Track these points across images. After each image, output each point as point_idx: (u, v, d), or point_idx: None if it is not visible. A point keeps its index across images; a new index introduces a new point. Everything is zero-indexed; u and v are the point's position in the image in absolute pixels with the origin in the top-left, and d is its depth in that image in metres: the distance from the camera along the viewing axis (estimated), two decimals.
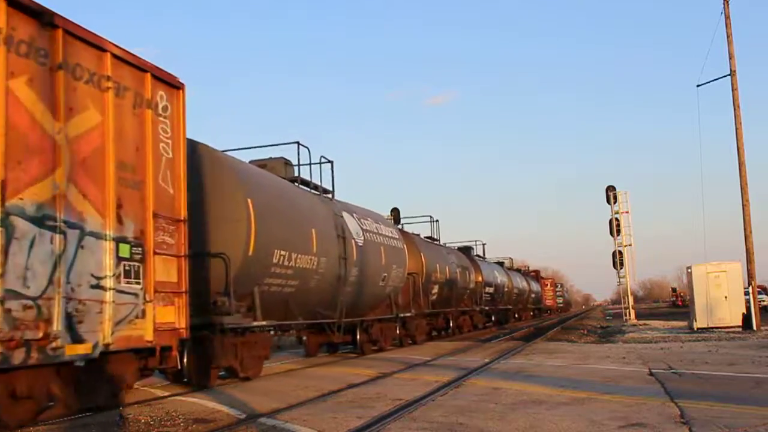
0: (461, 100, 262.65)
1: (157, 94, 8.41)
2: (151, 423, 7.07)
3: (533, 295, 51.21)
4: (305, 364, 14.34)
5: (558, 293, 72.22)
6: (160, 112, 8.44)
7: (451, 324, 25.21)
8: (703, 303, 23.15)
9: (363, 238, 15.08)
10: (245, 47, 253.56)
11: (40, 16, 6.60)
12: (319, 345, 16.58)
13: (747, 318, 22.07)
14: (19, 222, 6.12)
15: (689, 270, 24.35)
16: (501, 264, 40.26)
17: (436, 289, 21.91)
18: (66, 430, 6.88)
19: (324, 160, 14.64)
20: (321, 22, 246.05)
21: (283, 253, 11.15)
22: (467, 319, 28.02)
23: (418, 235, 23.23)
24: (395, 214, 24.47)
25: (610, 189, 34.42)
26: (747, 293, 22.71)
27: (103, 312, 7.08)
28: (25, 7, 6.43)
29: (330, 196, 14.85)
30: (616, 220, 34.20)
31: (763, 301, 40.30)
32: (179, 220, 8.59)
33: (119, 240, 7.43)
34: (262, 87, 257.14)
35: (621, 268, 34.62)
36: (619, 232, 34.09)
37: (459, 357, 15.14)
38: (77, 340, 6.70)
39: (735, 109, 23.00)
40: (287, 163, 13.83)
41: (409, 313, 18.63)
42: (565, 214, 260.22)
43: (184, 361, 9.44)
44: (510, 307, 39.20)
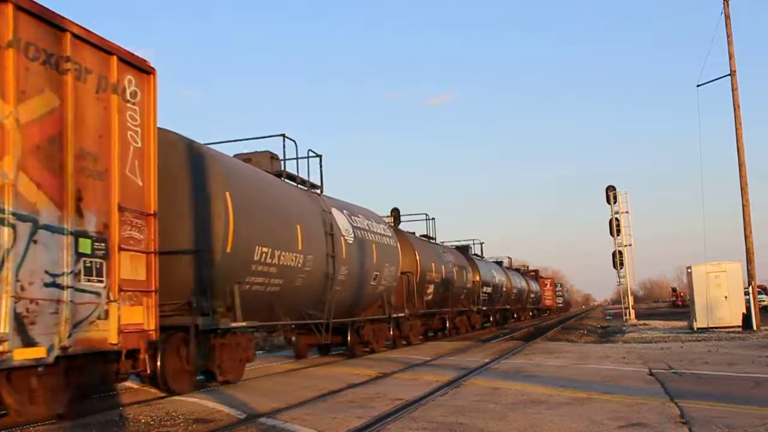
0: (461, 100, 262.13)
1: (125, 78, 7.85)
2: (151, 423, 7.05)
3: (532, 295, 50.66)
4: (305, 364, 14.21)
5: (558, 293, 71.55)
6: (128, 98, 7.88)
7: (447, 325, 24.70)
8: (703, 303, 23.21)
9: (353, 236, 14.51)
10: (245, 47, 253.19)
11: None
12: (310, 346, 16.11)
13: (747, 318, 22.05)
14: None
15: (689, 270, 24.42)
16: (499, 263, 39.71)
17: (431, 288, 21.33)
18: (66, 430, 6.80)
19: (312, 154, 14.07)
20: (321, 22, 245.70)
21: (265, 250, 10.57)
22: (464, 319, 27.51)
23: (413, 233, 22.70)
24: (395, 214, 23.98)
25: (610, 189, 34.37)
26: (747, 293, 22.71)
27: (59, 312, 6.52)
28: None
29: (318, 191, 14.28)
30: (616, 220, 34.17)
31: (763, 301, 40.42)
32: (149, 214, 8.03)
33: (79, 234, 6.87)
34: (261, 87, 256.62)
35: (621, 268, 34.67)
36: (619, 232, 34.07)
37: (459, 357, 15.08)
38: (29, 343, 6.15)
39: (735, 109, 23.05)
40: (273, 157, 13.26)
41: (402, 314, 18.05)
42: (565, 214, 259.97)
43: (157, 364, 8.87)
44: (509, 307, 38.73)
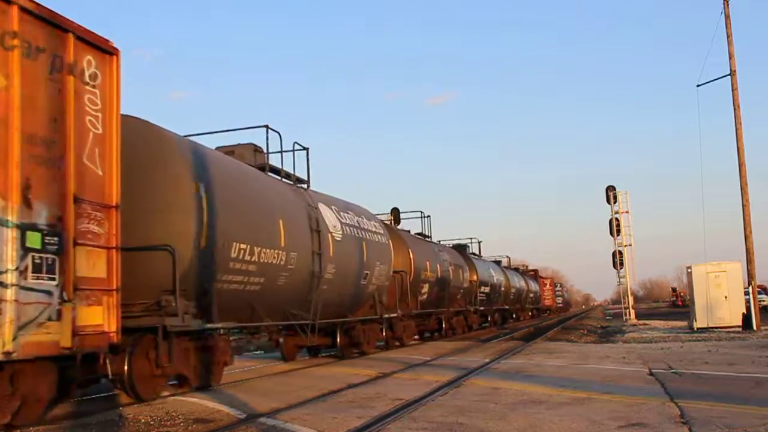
0: (461, 100, 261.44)
1: (83, 59, 7.21)
2: (151, 423, 6.99)
3: (532, 295, 50.03)
4: (305, 364, 14.14)
5: (557, 293, 70.93)
6: (87, 80, 7.25)
7: (443, 325, 24.08)
8: (703, 303, 23.13)
9: (342, 232, 13.88)
10: (245, 47, 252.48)
11: None
12: (299, 348, 15.50)
13: (747, 318, 21.91)
14: None
15: (689, 270, 24.32)
16: (498, 263, 39.05)
17: (426, 288, 20.68)
18: (66, 430, 6.75)
19: (298, 147, 13.45)
20: (321, 22, 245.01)
21: (243, 246, 9.93)
22: (461, 319, 26.88)
23: (408, 231, 22.08)
24: (395, 214, 23.47)
25: (610, 189, 34.29)
26: (747, 293, 22.55)
27: (2, 313, 5.90)
28: None
29: (305, 186, 13.65)
30: (616, 220, 34.08)
31: (763, 301, 40.21)
32: (110, 207, 7.39)
33: (26, 227, 6.24)
34: (261, 87, 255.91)
35: (621, 268, 34.60)
36: (619, 232, 33.97)
37: (459, 357, 14.99)
38: None
39: (735, 109, 22.91)
40: (257, 149, 12.63)
41: (395, 314, 17.40)
42: (565, 213, 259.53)
43: (125, 368, 8.24)
44: (507, 307, 38.11)
